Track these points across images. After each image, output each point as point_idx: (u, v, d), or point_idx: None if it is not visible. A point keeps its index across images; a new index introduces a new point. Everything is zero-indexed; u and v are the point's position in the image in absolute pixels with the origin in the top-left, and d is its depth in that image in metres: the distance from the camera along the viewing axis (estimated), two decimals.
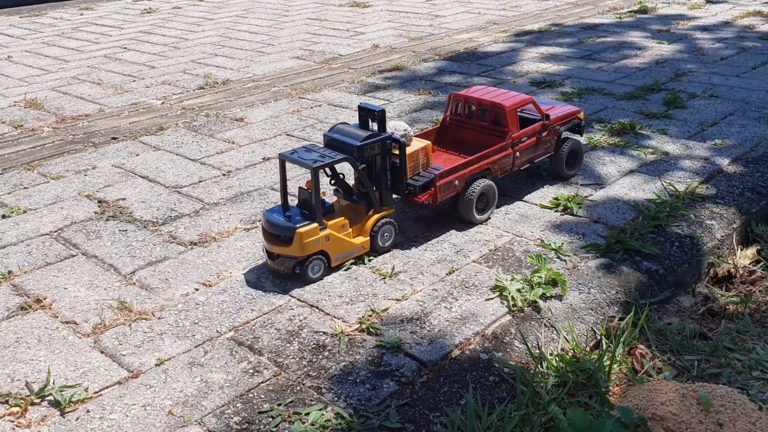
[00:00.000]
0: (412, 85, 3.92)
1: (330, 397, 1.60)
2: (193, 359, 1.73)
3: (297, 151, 2.08)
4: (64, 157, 3.05)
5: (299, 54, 4.73)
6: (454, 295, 1.97)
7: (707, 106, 3.43)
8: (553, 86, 3.80)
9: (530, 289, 1.95)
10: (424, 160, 2.28)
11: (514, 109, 2.38)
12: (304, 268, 2.02)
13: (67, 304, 1.97)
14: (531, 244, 2.22)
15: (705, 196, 2.52)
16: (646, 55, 4.43)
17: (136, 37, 5.46)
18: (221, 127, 3.34)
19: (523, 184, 2.63)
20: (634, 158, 2.84)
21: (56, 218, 2.48)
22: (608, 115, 3.34)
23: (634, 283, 2.06)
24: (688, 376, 1.80)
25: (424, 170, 2.28)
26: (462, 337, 1.80)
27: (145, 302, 1.97)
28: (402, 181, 2.18)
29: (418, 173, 2.26)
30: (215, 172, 2.82)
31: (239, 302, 1.95)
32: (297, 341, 1.79)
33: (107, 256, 2.22)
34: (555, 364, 1.72)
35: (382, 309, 1.91)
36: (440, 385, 1.65)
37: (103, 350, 1.78)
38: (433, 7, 6.32)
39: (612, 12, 5.85)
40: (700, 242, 2.28)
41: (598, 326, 1.90)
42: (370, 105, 2.17)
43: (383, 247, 2.19)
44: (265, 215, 2.06)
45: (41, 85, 4.19)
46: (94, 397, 1.62)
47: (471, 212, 2.31)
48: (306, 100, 3.72)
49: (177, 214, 2.48)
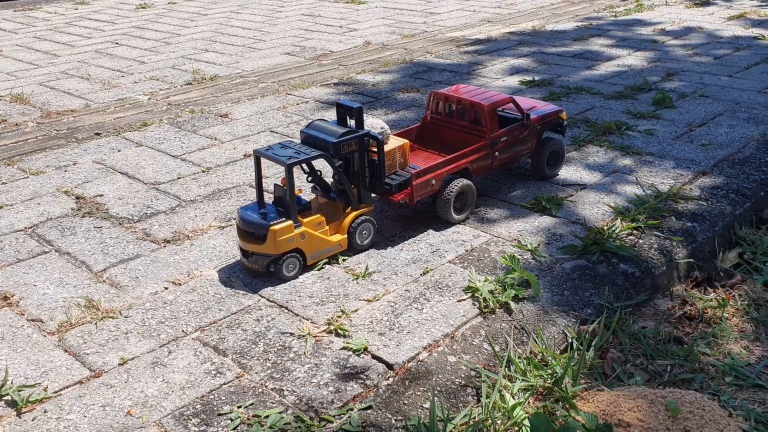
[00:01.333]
0: (401, 83, 3.89)
1: (292, 399, 1.58)
2: (156, 359, 1.71)
3: (272, 147, 2.05)
4: (45, 152, 3.03)
5: (290, 50, 4.70)
6: (427, 296, 1.95)
7: (697, 107, 3.40)
8: (541, 85, 3.77)
9: (503, 291, 1.93)
10: (401, 159, 2.25)
11: (494, 109, 2.36)
12: (279, 267, 2.00)
13: (35, 302, 1.95)
14: (508, 245, 2.19)
15: (688, 197, 2.49)
16: (639, 54, 4.40)
17: (128, 33, 5.43)
18: (205, 123, 3.31)
19: (504, 183, 2.60)
20: (618, 158, 2.81)
21: (32, 214, 2.46)
22: (595, 114, 3.31)
23: (609, 286, 2.03)
24: (659, 382, 1.77)
25: (402, 169, 2.25)
26: (431, 338, 1.77)
27: (113, 300, 1.95)
28: (380, 178, 2.15)
29: (395, 172, 2.23)
30: (195, 168, 2.80)
31: (207, 302, 1.93)
32: (263, 342, 1.76)
33: (80, 253, 2.20)
34: (522, 368, 1.69)
35: (352, 310, 1.89)
36: (405, 388, 1.62)
37: (67, 349, 1.76)
38: (428, 4, 6.29)
39: (608, 10, 5.81)
40: (679, 245, 2.25)
41: (569, 329, 1.87)
42: (348, 102, 2.14)
43: (361, 245, 2.17)
44: (240, 212, 2.04)
45: (29, 79, 4.17)
46: (53, 397, 1.59)
47: (449, 212, 2.28)
48: (293, 97, 3.69)
49: (153, 211, 2.46)
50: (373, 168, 2.15)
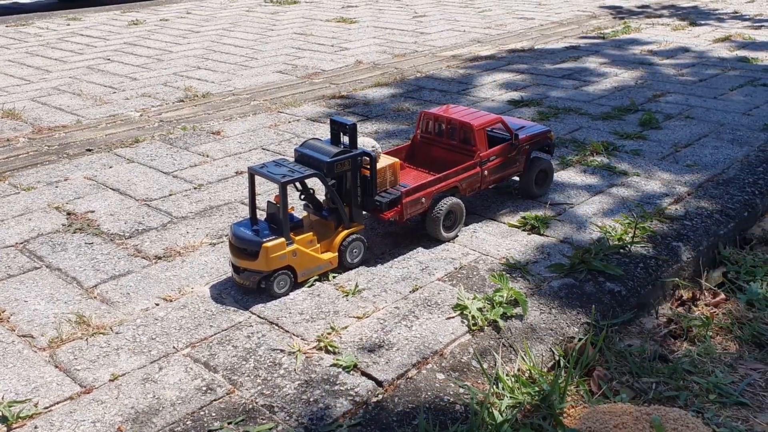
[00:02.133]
0: (392, 102, 3.93)
1: (282, 416, 1.59)
2: (147, 375, 1.72)
3: (267, 165, 2.08)
4: (37, 168, 3.04)
5: (282, 68, 4.74)
6: (416, 313, 1.97)
7: (682, 128, 3.45)
8: (530, 105, 3.82)
9: (491, 309, 1.95)
10: (392, 178, 2.28)
11: (483, 129, 2.39)
12: (270, 283, 2.02)
13: (26, 317, 1.96)
14: (496, 263, 2.22)
15: (673, 217, 2.53)
16: (626, 75, 4.46)
17: (120, 49, 5.46)
18: (197, 141, 3.33)
19: (493, 202, 2.63)
20: (605, 179, 2.85)
21: (23, 230, 2.47)
22: (583, 134, 3.36)
23: (596, 304, 2.06)
24: (644, 399, 1.79)
25: (392, 187, 2.28)
26: (420, 356, 1.79)
27: (104, 316, 1.96)
28: (372, 194, 2.18)
29: (386, 190, 2.26)
30: (186, 185, 2.82)
31: (198, 318, 1.94)
32: (253, 359, 1.78)
33: (71, 269, 2.20)
34: (510, 385, 1.71)
35: (342, 327, 1.90)
36: (394, 405, 1.64)
37: (58, 365, 1.76)
38: (419, 24, 6.36)
39: (596, 32, 5.90)
40: (665, 264, 2.28)
41: (557, 347, 1.90)
42: (342, 118, 2.17)
43: (351, 263, 2.19)
44: (233, 229, 2.05)
45: (21, 95, 4.18)
46: (43, 413, 1.60)
47: (438, 230, 2.31)
48: (285, 115, 3.72)
49: (144, 227, 2.47)
50: (365, 184, 2.18)
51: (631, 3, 7.54)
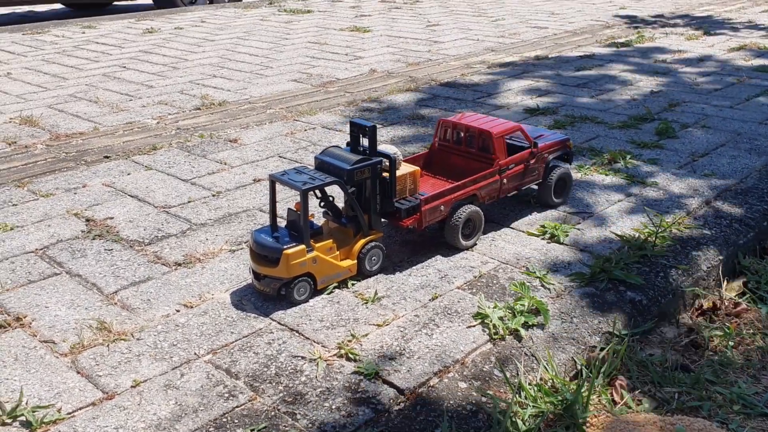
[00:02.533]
0: (407, 110, 3.94)
1: (304, 423, 1.59)
2: (169, 382, 1.72)
3: (287, 172, 2.08)
4: (55, 174, 3.06)
5: (297, 77, 4.76)
6: (436, 321, 1.96)
7: (699, 137, 3.44)
8: (546, 114, 3.82)
9: (512, 317, 1.95)
10: (412, 185, 2.28)
11: (502, 137, 2.39)
12: (290, 290, 2.02)
13: (47, 323, 1.97)
14: (516, 272, 2.21)
15: (692, 226, 2.51)
16: (641, 84, 4.46)
17: (136, 57, 5.50)
18: (214, 148, 3.35)
19: (511, 210, 2.63)
20: (624, 187, 2.84)
21: (43, 236, 2.48)
22: (600, 143, 3.35)
23: (617, 314, 2.05)
24: (667, 409, 1.78)
25: (411, 195, 2.28)
26: (441, 364, 1.79)
27: (125, 323, 1.96)
28: (391, 197, 2.18)
29: (405, 197, 2.26)
30: (205, 192, 2.83)
31: (219, 325, 1.94)
32: (275, 366, 1.78)
33: (91, 275, 2.21)
34: (533, 394, 1.71)
35: (363, 334, 1.90)
36: (416, 414, 1.63)
37: (80, 370, 1.77)
38: (432, 33, 6.37)
39: (609, 41, 5.89)
40: (685, 273, 2.27)
41: (578, 356, 1.89)
42: (362, 121, 2.17)
43: (370, 270, 2.19)
44: (254, 235, 2.06)
45: (38, 102, 4.21)
46: (66, 418, 1.60)
47: (457, 238, 2.30)
48: (301, 123, 3.73)
49: (164, 234, 2.48)
50: (384, 188, 2.18)
51: (645, 12, 7.53)
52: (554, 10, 7.73)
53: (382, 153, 2.16)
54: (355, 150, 2.20)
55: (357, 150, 2.20)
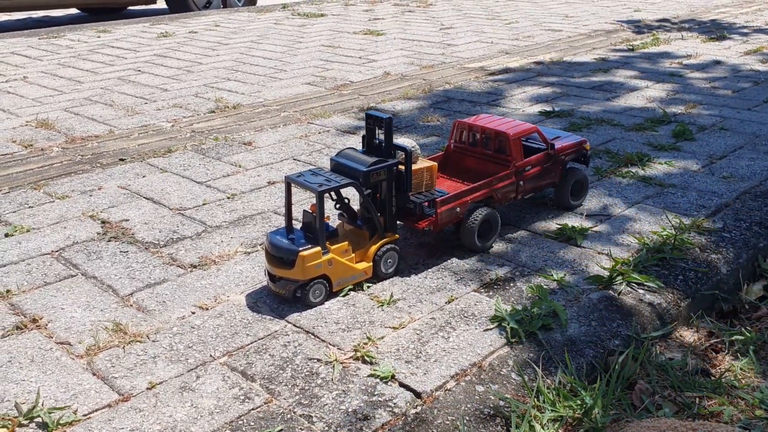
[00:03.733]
0: (421, 113, 3.93)
1: (321, 426, 1.58)
2: (184, 384, 1.72)
3: (303, 174, 2.08)
4: (71, 177, 3.07)
5: (311, 80, 4.76)
6: (452, 324, 1.94)
7: (717, 139, 3.41)
8: (561, 116, 3.79)
9: (530, 321, 1.92)
10: (428, 181, 2.26)
11: (518, 138, 2.37)
12: (305, 292, 2.01)
13: (63, 325, 1.96)
14: (533, 275, 2.19)
15: (711, 229, 2.48)
16: (657, 87, 4.42)
17: (150, 60, 5.52)
18: (229, 151, 3.35)
19: (527, 213, 2.61)
20: (641, 190, 2.81)
21: (58, 238, 2.48)
22: (616, 146, 3.32)
23: (636, 317, 2.02)
24: (688, 414, 1.75)
25: (427, 191, 2.26)
26: (458, 367, 1.77)
27: (140, 324, 1.96)
28: (407, 191, 2.16)
29: (420, 192, 2.24)
30: (220, 195, 2.83)
31: (235, 327, 1.94)
32: (290, 368, 1.77)
33: (106, 277, 2.21)
34: (552, 398, 1.69)
35: (379, 337, 1.89)
36: (434, 417, 1.62)
37: (95, 372, 1.76)
38: (446, 36, 6.36)
39: (624, 44, 5.86)
40: (704, 276, 2.24)
41: (597, 360, 1.87)
42: (378, 113, 2.15)
43: (386, 273, 2.17)
44: (269, 237, 2.05)
45: (54, 105, 4.23)
46: (82, 420, 1.60)
47: (473, 240, 2.29)
48: (315, 126, 3.73)
49: (179, 236, 2.48)
50: (400, 181, 2.16)
51: (660, 16, 7.49)
52: (568, 13, 7.70)
53: (398, 146, 2.14)
54: (371, 142, 2.18)
55: (372, 143, 2.18)
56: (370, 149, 2.19)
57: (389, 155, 2.12)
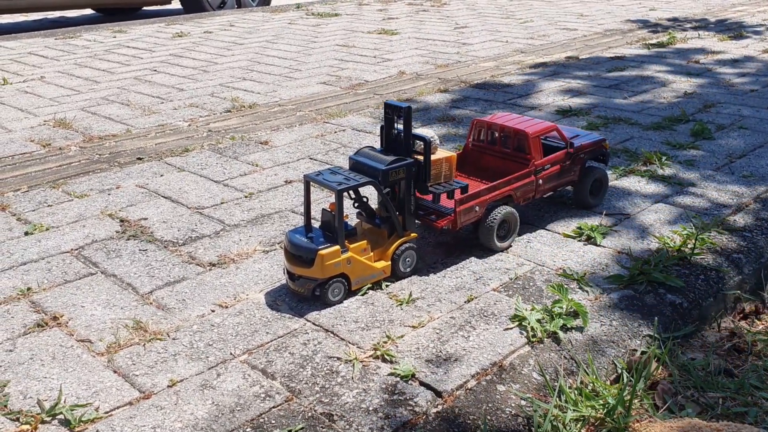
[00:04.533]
0: (437, 112, 3.92)
1: (342, 424, 1.57)
2: (205, 381, 1.72)
3: (322, 173, 2.07)
4: (89, 176, 3.08)
5: (326, 79, 4.76)
6: (472, 323, 1.94)
7: (736, 138, 3.38)
8: (579, 115, 3.77)
9: (550, 320, 1.91)
10: (447, 171, 2.24)
11: (538, 137, 2.36)
12: (324, 291, 2.01)
13: (84, 323, 1.97)
14: (552, 274, 2.18)
15: (732, 228, 2.46)
16: (674, 85, 4.39)
17: (166, 60, 5.54)
18: (246, 150, 3.35)
19: (546, 212, 2.59)
20: (661, 189, 2.79)
21: (78, 236, 2.50)
22: (634, 144, 3.30)
23: (658, 317, 2.01)
24: (711, 414, 1.74)
25: (446, 182, 2.24)
26: (479, 367, 1.76)
27: (160, 322, 1.96)
28: (425, 181, 2.14)
29: (439, 183, 2.22)
30: (237, 194, 2.83)
31: (254, 325, 1.94)
32: (310, 366, 1.76)
33: (126, 275, 2.22)
34: (574, 398, 1.67)
35: (398, 336, 1.88)
36: (455, 416, 1.61)
37: (116, 370, 1.77)
38: (460, 35, 6.35)
39: (640, 43, 5.82)
40: (726, 276, 2.22)
41: (619, 359, 1.85)
42: (397, 102, 2.13)
43: (404, 272, 2.17)
44: (288, 236, 2.05)
45: (71, 105, 4.26)
46: (104, 417, 1.60)
47: (492, 239, 2.28)
48: (330, 125, 3.73)
49: (197, 234, 2.48)
50: (419, 172, 2.15)
51: (676, 14, 7.44)
52: (583, 12, 7.67)
53: (417, 136, 2.13)
54: (389, 132, 2.17)
55: (391, 133, 2.17)
56: (389, 140, 2.17)
57: (408, 145, 2.11)
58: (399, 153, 2.13)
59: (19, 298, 2.11)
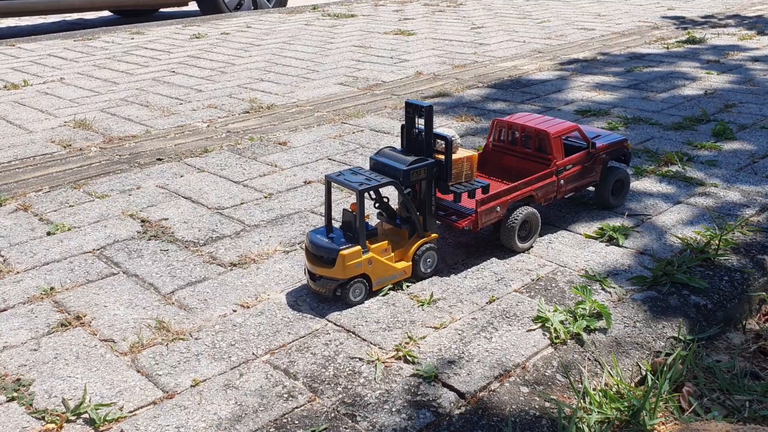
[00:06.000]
0: (455, 112, 3.91)
1: (365, 425, 1.57)
2: (228, 381, 1.72)
3: (343, 173, 2.07)
4: (109, 176, 3.10)
5: (343, 80, 4.76)
6: (495, 324, 1.93)
7: (758, 138, 3.34)
8: (599, 115, 3.75)
9: (574, 321, 1.90)
10: (468, 171, 2.22)
11: (559, 137, 2.35)
12: (345, 291, 2.00)
13: (106, 322, 1.98)
14: (575, 275, 2.16)
15: (756, 229, 2.43)
16: (694, 85, 4.35)
17: (184, 61, 5.56)
18: (264, 151, 3.36)
19: (568, 212, 2.58)
20: (683, 189, 2.76)
21: (99, 236, 2.51)
22: (655, 145, 3.28)
23: (682, 318, 1.99)
24: (738, 417, 1.72)
25: (467, 181, 2.22)
26: (502, 368, 1.75)
27: (183, 322, 1.97)
28: (446, 179, 2.13)
29: (461, 182, 2.21)
30: (257, 194, 2.84)
31: (276, 325, 1.94)
32: (332, 366, 1.76)
33: (148, 275, 2.23)
34: (598, 400, 1.66)
35: (420, 336, 1.88)
36: (478, 418, 1.60)
37: (140, 369, 1.77)
38: (477, 35, 6.33)
39: (659, 42, 5.78)
40: (751, 277, 2.19)
41: (643, 361, 1.83)
42: (418, 101, 2.13)
43: (425, 273, 2.16)
44: (310, 236, 2.05)
45: (91, 106, 4.29)
46: (128, 417, 1.61)
47: (513, 240, 2.26)
48: (348, 126, 3.73)
49: (218, 235, 2.49)
50: (441, 170, 2.14)
51: (694, 13, 7.38)
52: (600, 12, 7.62)
53: (438, 134, 2.12)
54: (410, 131, 2.16)
55: (412, 132, 2.16)
56: (410, 139, 2.16)
57: (429, 145, 2.10)
58: (420, 152, 2.12)
59: (42, 297, 2.12)
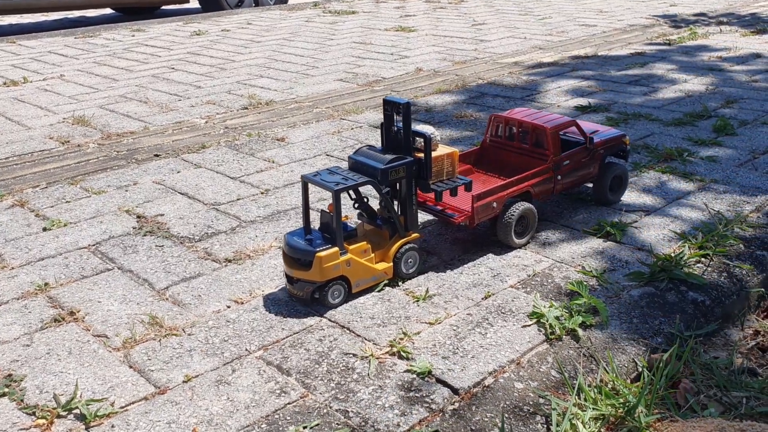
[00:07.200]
0: (454, 108, 3.89)
1: (357, 421, 1.56)
2: (220, 377, 1.71)
3: (320, 173, 2.03)
4: (107, 172, 3.09)
5: (343, 76, 4.75)
6: (490, 320, 1.91)
7: (759, 134, 3.32)
8: (597, 111, 3.73)
9: (569, 317, 1.88)
10: (449, 168, 2.17)
11: (556, 132, 2.33)
12: (324, 294, 1.97)
13: (100, 318, 1.97)
14: (571, 271, 2.15)
15: (756, 225, 2.42)
16: (695, 81, 4.33)
17: (184, 58, 5.55)
18: (262, 147, 3.35)
19: (565, 208, 2.56)
20: (682, 185, 2.75)
21: (95, 232, 2.50)
22: (655, 140, 3.26)
23: (679, 314, 1.97)
24: (735, 414, 1.70)
25: (449, 178, 2.18)
26: (496, 364, 1.74)
27: (176, 318, 1.96)
28: (426, 178, 2.10)
29: (442, 180, 2.16)
30: (254, 190, 2.82)
31: (270, 321, 1.93)
32: (326, 362, 1.75)
33: (142, 271, 2.22)
34: (593, 396, 1.65)
35: (414, 332, 1.86)
36: (472, 414, 1.59)
37: (132, 365, 1.76)
38: (478, 32, 6.31)
39: (661, 39, 5.75)
40: (749, 273, 2.18)
41: (639, 358, 1.82)
42: (396, 98, 2.07)
43: (407, 273, 2.12)
44: (286, 238, 2.02)
45: (90, 102, 4.28)
46: (119, 412, 1.60)
47: (509, 236, 2.25)
48: (347, 122, 3.71)
49: (213, 230, 2.48)
50: (420, 169, 2.10)
51: (696, 10, 7.35)
52: (602, 8, 7.60)
53: (417, 132, 2.08)
54: (389, 129, 2.12)
55: (391, 130, 2.12)
56: (389, 137, 2.12)
57: (408, 143, 2.06)
58: (399, 151, 2.08)
59: (36, 293, 2.11)
